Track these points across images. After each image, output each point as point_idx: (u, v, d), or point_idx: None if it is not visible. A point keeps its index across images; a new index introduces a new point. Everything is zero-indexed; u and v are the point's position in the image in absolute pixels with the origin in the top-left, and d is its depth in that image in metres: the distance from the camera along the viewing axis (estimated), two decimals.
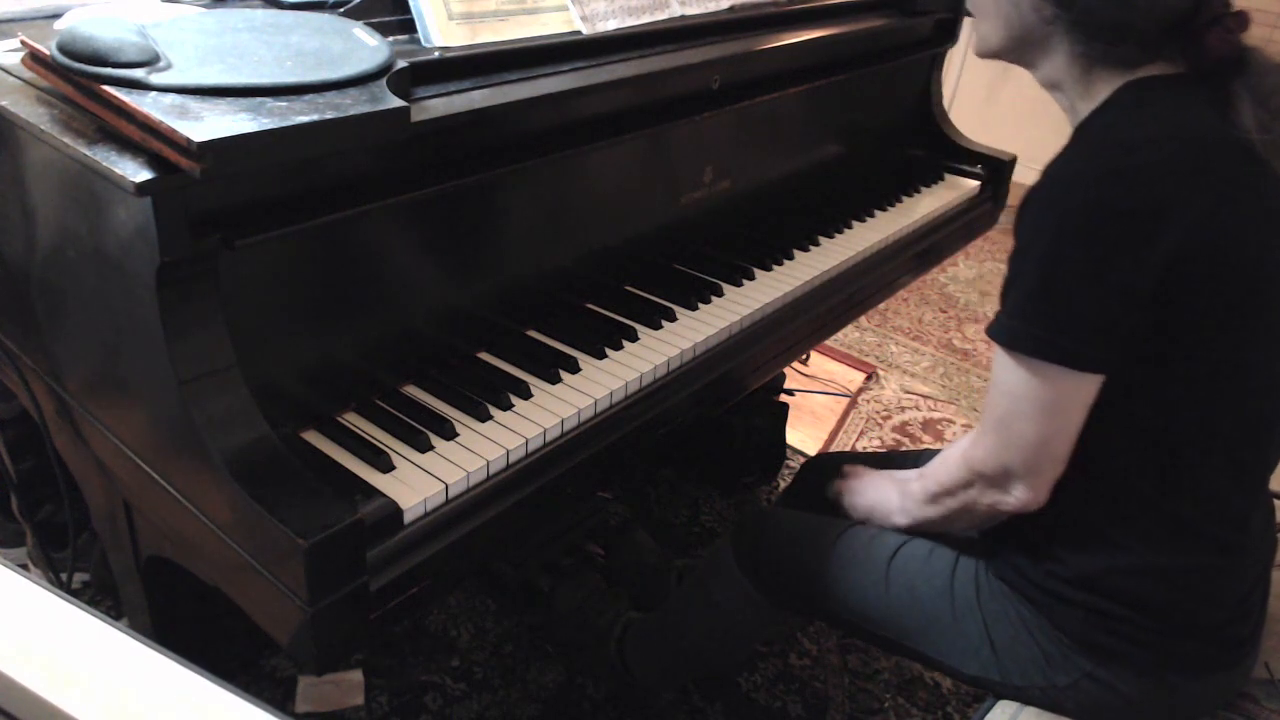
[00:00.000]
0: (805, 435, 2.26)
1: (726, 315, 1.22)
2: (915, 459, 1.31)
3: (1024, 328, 0.88)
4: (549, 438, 0.97)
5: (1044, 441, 0.91)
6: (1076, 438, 0.91)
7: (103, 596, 1.56)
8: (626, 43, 1.11)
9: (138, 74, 0.71)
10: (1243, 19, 0.89)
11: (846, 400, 2.42)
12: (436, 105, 0.88)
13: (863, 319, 2.82)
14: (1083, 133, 0.93)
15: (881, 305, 2.81)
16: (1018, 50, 0.98)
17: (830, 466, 1.42)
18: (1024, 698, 1.03)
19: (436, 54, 0.94)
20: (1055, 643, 0.99)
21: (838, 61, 1.48)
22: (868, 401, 2.45)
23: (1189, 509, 0.93)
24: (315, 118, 0.70)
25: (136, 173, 0.69)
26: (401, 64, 0.84)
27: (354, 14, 0.93)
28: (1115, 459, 0.93)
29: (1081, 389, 0.88)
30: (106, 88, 0.70)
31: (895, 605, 1.08)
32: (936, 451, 1.30)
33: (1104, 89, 0.93)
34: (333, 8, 0.94)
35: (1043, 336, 0.87)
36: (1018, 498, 0.95)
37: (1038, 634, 1.00)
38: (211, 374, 0.78)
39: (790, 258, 1.39)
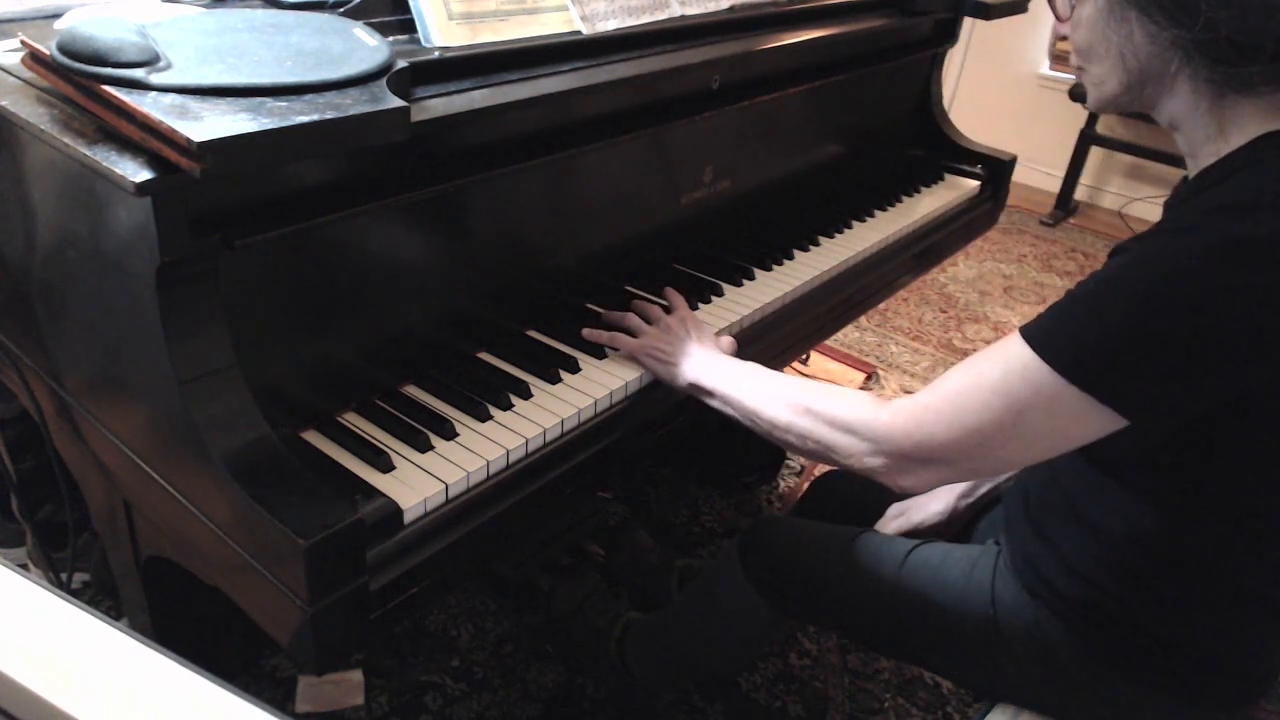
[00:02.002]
0: None
1: (726, 315, 1.22)
2: None
3: (1090, 363, 0.77)
4: (549, 438, 0.97)
5: (1010, 460, 0.85)
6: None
7: (103, 596, 1.56)
8: (626, 43, 1.11)
9: (138, 74, 0.71)
10: None
11: None
12: (436, 105, 0.88)
13: (863, 319, 2.82)
14: (1208, 190, 0.81)
15: (881, 305, 2.81)
16: (1138, 90, 0.85)
17: (840, 483, 1.42)
18: (1031, 707, 1.03)
19: (436, 54, 0.94)
20: (1077, 662, 0.97)
21: (838, 61, 1.48)
22: None
23: (1259, 573, 0.89)
24: (315, 118, 0.70)
25: (136, 173, 0.69)
26: (401, 64, 0.84)
27: (354, 14, 0.93)
28: (1195, 515, 0.88)
29: (1100, 427, 0.80)
30: (106, 88, 0.70)
31: (904, 612, 1.07)
32: None
33: (1236, 131, 0.81)
34: (333, 8, 0.94)
35: (1108, 380, 0.77)
36: (910, 481, 0.88)
37: (1058, 649, 0.98)
38: (211, 374, 0.78)
39: (790, 258, 1.39)
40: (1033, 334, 0.81)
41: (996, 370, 0.82)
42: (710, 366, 1.04)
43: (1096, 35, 0.85)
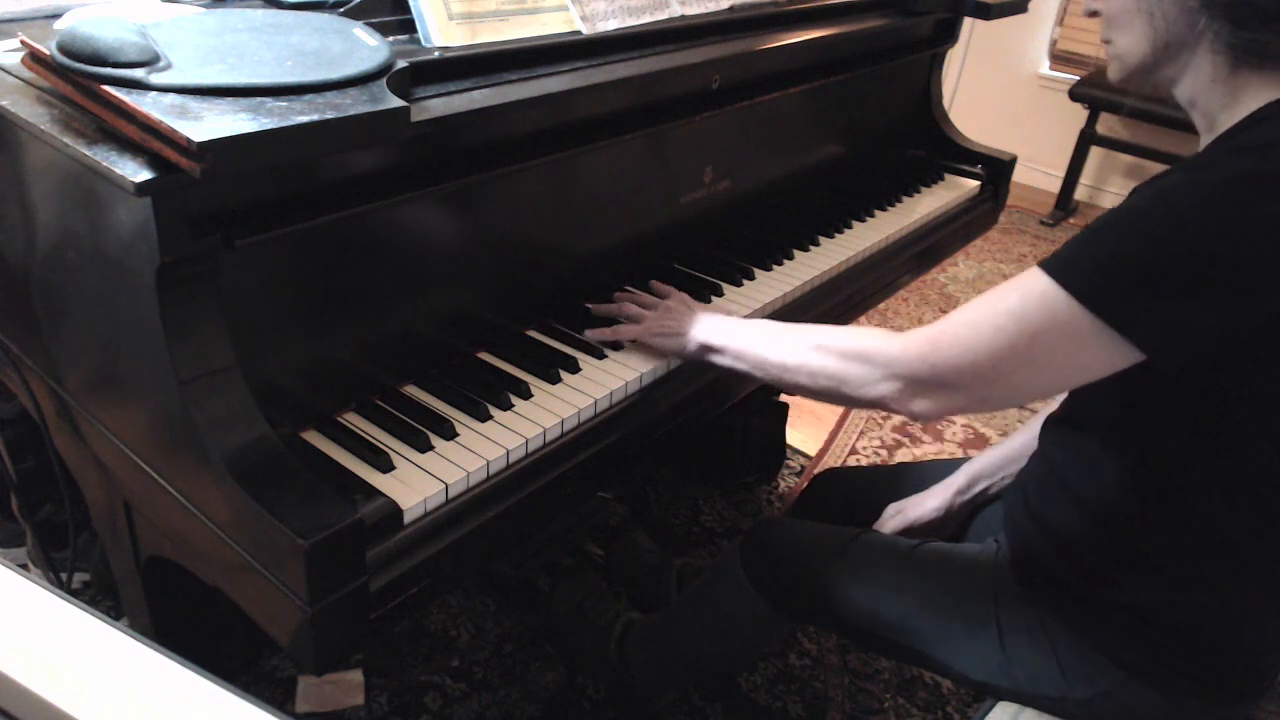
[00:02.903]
0: (805, 435, 2.26)
1: None
2: (921, 473, 1.31)
3: (1106, 289, 0.78)
4: (549, 438, 0.97)
5: (1021, 389, 0.85)
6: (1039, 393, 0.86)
7: (103, 596, 1.56)
8: (626, 43, 1.11)
9: (138, 74, 0.71)
10: None
11: None
12: (436, 105, 0.88)
13: (863, 319, 2.82)
14: (1224, 143, 0.84)
15: (881, 305, 2.81)
16: (1162, 60, 0.88)
17: (840, 480, 1.42)
18: (1032, 704, 1.03)
19: (436, 54, 0.94)
20: (1079, 656, 0.98)
21: (838, 61, 1.48)
22: None
23: (1267, 550, 0.89)
24: (315, 118, 0.70)
25: (136, 173, 0.69)
26: (401, 64, 0.84)
27: (354, 14, 0.93)
28: (1196, 492, 0.89)
29: (1112, 359, 0.81)
30: (106, 88, 0.70)
31: (906, 610, 1.07)
32: (947, 463, 1.30)
33: (1251, 98, 0.84)
34: (333, 8, 0.94)
35: (1122, 307, 0.78)
36: (923, 406, 0.89)
37: (1060, 645, 0.99)
38: (211, 374, 0.78)
39: (790, 258, 1.39)
40: (1050, 264, 0.82)
41: (1013, 297, 0.83)
42: (716, 325, 1.06)
43: (1129, 2, 0.88)
